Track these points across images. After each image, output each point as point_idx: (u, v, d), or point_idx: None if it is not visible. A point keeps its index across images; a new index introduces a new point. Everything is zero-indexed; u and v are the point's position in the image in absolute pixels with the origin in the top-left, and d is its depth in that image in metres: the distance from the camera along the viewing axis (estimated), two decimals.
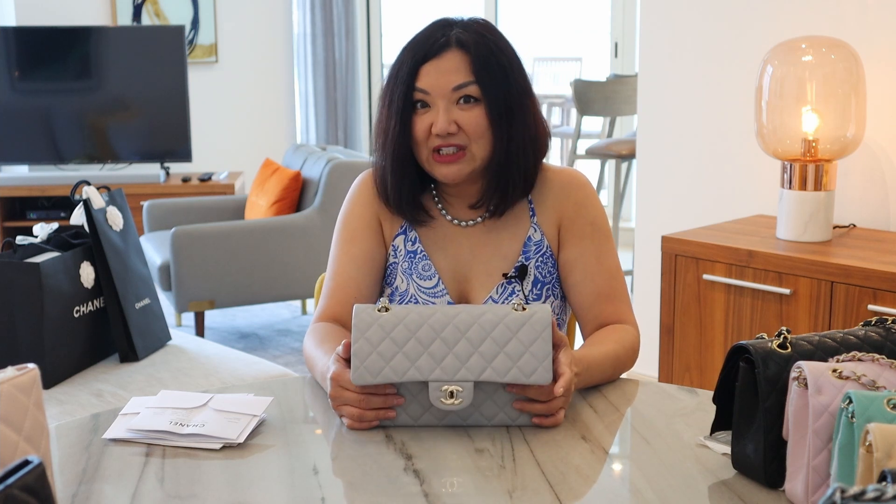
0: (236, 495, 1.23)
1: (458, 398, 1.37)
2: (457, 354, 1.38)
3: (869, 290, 2.47)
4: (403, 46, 1.67)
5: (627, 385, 1.59)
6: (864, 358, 1.17)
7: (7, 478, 0.83)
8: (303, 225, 4.31)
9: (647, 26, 3.50)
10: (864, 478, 1.01)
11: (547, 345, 1.38)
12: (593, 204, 1.72)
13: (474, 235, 1.72)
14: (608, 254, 1.71)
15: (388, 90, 1.65)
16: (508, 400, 1.40)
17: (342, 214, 1.76)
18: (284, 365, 4.07)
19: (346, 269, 1.70)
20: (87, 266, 2.34)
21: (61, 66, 5.43)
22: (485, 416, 1.41)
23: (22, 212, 5.45)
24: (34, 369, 1.10)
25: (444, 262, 1.71)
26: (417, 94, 1.62)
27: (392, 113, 1.63)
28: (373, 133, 1.72)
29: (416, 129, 1.63)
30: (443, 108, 1.61)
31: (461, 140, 1.62)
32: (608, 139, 5.23)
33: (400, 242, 1.72)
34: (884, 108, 2.90)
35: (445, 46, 1.62)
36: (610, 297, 1.69)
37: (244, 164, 5.98)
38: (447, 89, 1.61)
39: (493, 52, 1.63)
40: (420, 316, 1.39)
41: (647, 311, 3.51)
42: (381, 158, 1.68)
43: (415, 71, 1.62)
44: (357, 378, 1.38)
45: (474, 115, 1.62)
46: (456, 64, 1.61)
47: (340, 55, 6.04)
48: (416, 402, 1.41)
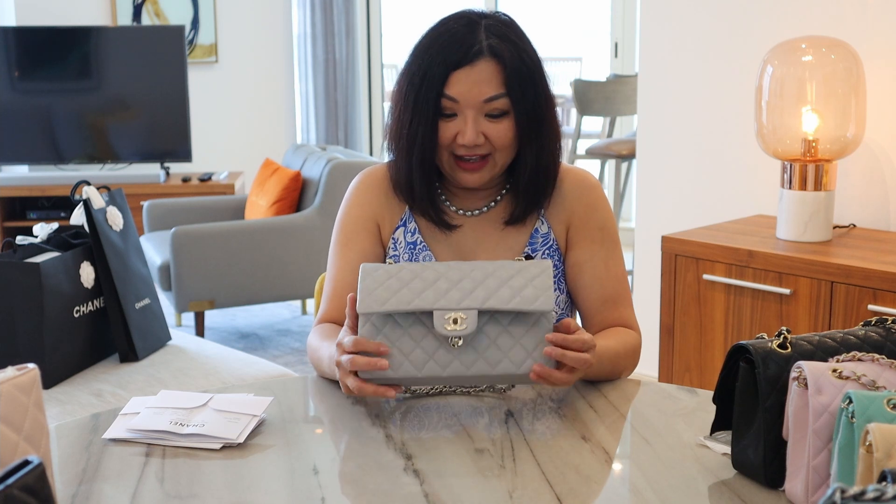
0: (236, 495, 1.23)
1: (462, 325, 1.39)
2: (461, 288, 1.41)
3: (869, 290, 2.47)
4: (426, 43, 1.62)
5: (627, 385, 1.59)
6: (864, 358, 1.17)
7: (7, 478, 0.83)
8: (303, 225, 4.31)
9: (647, 26, 3.50)
10: (864, 478, 1.01)
11: (549, 279, 1.41)
12: (604, 207, 1.72)
13: (479, 226, 1.71)
14: (616, 259, 1.71)
15: (414, 92, 1.60)
16: (512, 345, 1.40)
17: (339, 218, 1.75)
18: (284, 365, 4.07)
19: (343, 275, 1.70)
20: (87, 266, 2.34)
21: (61, 66, 5.43)
22: (489, 363, 1.40)
23: (22, 212, 5.45)
24: (34, 369, 1.10)
25: (446, 253, 1.70)
26: (446, 101, 1.59)
27: (420, 118, 1.60)
28: (390, 132, 1.67)
29: (440, 135, 1.61)
30: (471, 119, 1.59)
31: (486, 150, 1.61)
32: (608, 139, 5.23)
33: (400, 235, 1.72)
34: (884, 108, 2.90)
35: (479, 55, 1.58)
36: (616, 302, 1.69)
37: (244, 164, 5.98)
38: (478, 101, 1.58)
39: (524, 63, 1.60)
40: (424, 265, 1.45)
41: (647, 311, 3.51)
42: (405, 162, 1.65)
43: (445, 76, 1.58)
44: (363, 307, 1.40)
45: (502, 127, 1.60)
46: (488, 75, 1.58)
47: (340, 55, 6.04)
48: (420, 349, 1.40)
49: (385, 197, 1.73)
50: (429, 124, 1.60)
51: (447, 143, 1.61)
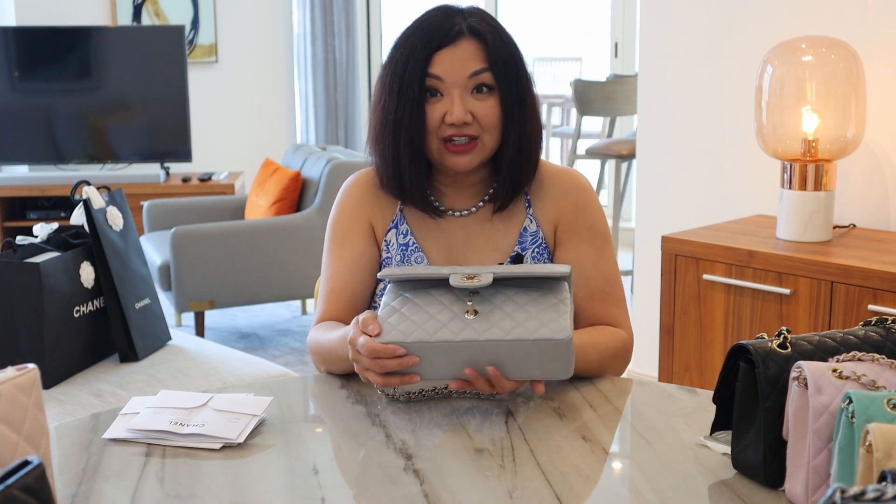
0: (236, 495, 1.23)
1: (478, 279, 1.40)
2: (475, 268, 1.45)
3: (869, 290, 2.47)
4: (405, 34, 1.64)
5: (627, 385, 1.59)
6: (864, 358, 1.17)
7: (7, 478, 0.83)
8: (303, 225, 4.31)
9: (647, 26, 3.50)
10: (864, 478, 1.01)
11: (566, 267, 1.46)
12: (593, 206, 1.72)
13: (468, 225, 1.71)
14: (605, 258, 1.70)
15: (397, 78, 1.61)
16: (524, 319, 1.40)
17: (332, 219, 1.75)
18: (284, 365, 4.07)
19: (340, 275, 1.70)
20: (87, 266, 2.34)
21: (61, 66, 5.43)
22: (502, 330, 1.40)
23: (22, 212, 5.45)
24: (34, 369, 1.10)
25: (437, 253, 1.70)
26: (431, 80, 1.60)
27: (405, 101, 1.60)
28: (375, 126, 1.66)
29: (428, 118, 1.61)
30: (458, 97, 1.60)
31: (474, 130, 1.62)
32: (608, 139, 5.23)
33: (392, 237, 1.72)
34: (884, 108, 2.90)
35: (460, 34, 1.61)
36: (604, 301, 1.68)
37: (244, 164, 5.98)
38: (463, 76, 1.60)
39: (504, 43, 1.63)
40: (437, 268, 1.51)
41: (647, 311, 3.51)
42: (392, 149, 1.64)
43: (428, 58, 1.60)
44: (384, 273, 1.47)
45: (489, 104, 1.61)
46: (471, 52, 1.60)
47: (340, 55, 6.04)
48: (434, 320, 1.41)
49: (375, 199, 1.72)
50: (415, 106, 1.60)
51: (435, 127, 1.61)
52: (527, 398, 1.51)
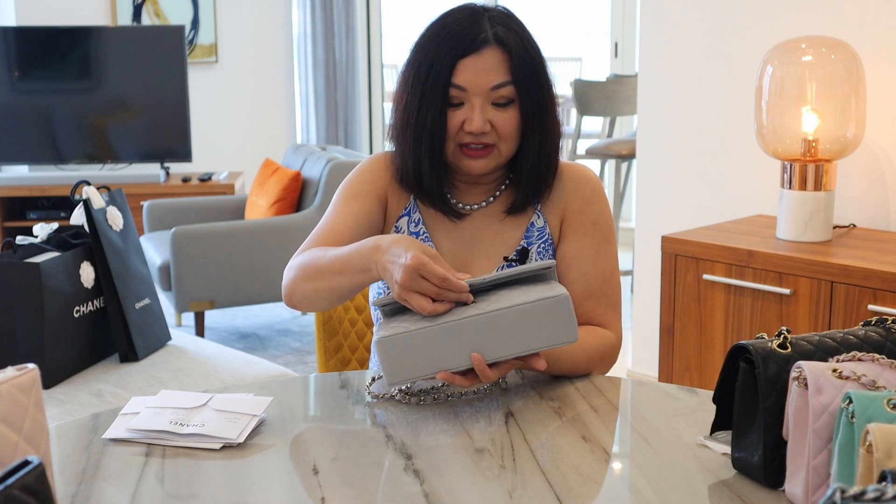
0: (236, 495, 1.23)
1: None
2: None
3: (869, 290, 2.47)
4: (430, 33, 1.63)
5: (627, 385, 1.59)
6: (864, 358, 1.17)
7: (7, 478, 0.83)
8: (303, 225, 4.31)
9: (647, 26, 3.50)
10: (864, 478, 1.01)
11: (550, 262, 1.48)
12: (599, 202, 1.72)
13: (477, 219, 1.72)
14: (606, 256, 1.70)
15: (420, 81, 1.61)
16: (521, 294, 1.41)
17: (349, 178, 1.73)
18: (284, 365, 4.07)
19: (344, 220, 1.67)
20: (87, 266, 2.34)
21: (61, 66, 5.43)
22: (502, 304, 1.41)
23: (22, 212, 5.45)
24: (34, 369, 1.10)
25: (447, 245, 1.71)
26: (453, 90, 1.61)
27: (429, 107, 1.61)
28: (395, 124, 1.67)
29: (448, 124, 1.62)
30: (478, 107, 1.60)
31: (491, 139, 1.62)
32: (608, 139, 5.23)
33: (403, 224, 1.72)
34: (884, 108, 2.90)
35: (485, 43, 1.60)
36: (598, 300, 1.68)
37: (244, 164, 5.98)
38: (485, 87, 1.60)
39: (529, 53, 1.62)
40: None
41: (647, 311, 3.51)
42: (412, 152, 1.65)
43: (452, 65, 1.60)
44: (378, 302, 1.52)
45: (508, 116, 1.62)
46: (495, 63, 1.60)
47: (340, 55, 6.04)
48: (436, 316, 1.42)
49: (394, 181, 1.73)
50: (437, 113, 1.61)
51: (454, 132, 1.62)
52: (527, 397, 1.52)
